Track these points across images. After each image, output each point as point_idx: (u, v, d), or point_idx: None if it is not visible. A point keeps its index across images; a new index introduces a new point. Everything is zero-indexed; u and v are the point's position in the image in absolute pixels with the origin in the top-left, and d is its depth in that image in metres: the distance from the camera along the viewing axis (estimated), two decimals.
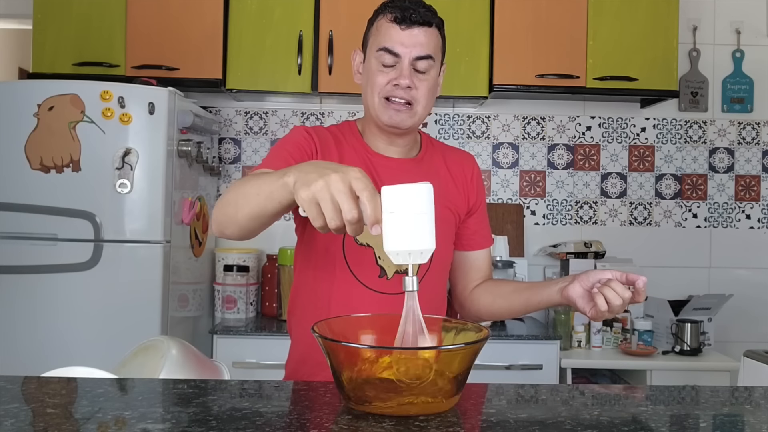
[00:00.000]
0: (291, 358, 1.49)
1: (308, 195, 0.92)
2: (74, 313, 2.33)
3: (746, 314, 3.11)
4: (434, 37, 1.39)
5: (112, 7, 2.73)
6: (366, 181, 0.92)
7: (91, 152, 2.33)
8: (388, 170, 1.44)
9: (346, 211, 0.90)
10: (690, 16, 3.12)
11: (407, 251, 0.92)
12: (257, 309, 2.95)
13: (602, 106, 3.14)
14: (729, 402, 1.08)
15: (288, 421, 0.92)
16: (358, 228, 0.92)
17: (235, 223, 1.15)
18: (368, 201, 0.90)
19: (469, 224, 1.55)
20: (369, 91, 1.41)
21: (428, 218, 0.93)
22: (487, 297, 1.53)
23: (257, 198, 1.08)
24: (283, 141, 1.41)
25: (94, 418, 0.90)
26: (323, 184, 0.91)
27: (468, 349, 0.94)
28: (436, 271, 1.46)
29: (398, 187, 0.92)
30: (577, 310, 1.33)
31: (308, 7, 2.77)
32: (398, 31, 1.36)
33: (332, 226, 0.92)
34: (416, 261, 0.94)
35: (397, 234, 0.91)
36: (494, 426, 0.91)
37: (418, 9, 1.37)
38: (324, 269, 1.40)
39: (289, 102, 3.10)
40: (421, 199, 0.92)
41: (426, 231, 0.92)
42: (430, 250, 0.94)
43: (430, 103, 1.43)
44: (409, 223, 0.91)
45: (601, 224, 3.15)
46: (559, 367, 2.58)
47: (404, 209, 0.91)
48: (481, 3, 2.79)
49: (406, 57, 1.37)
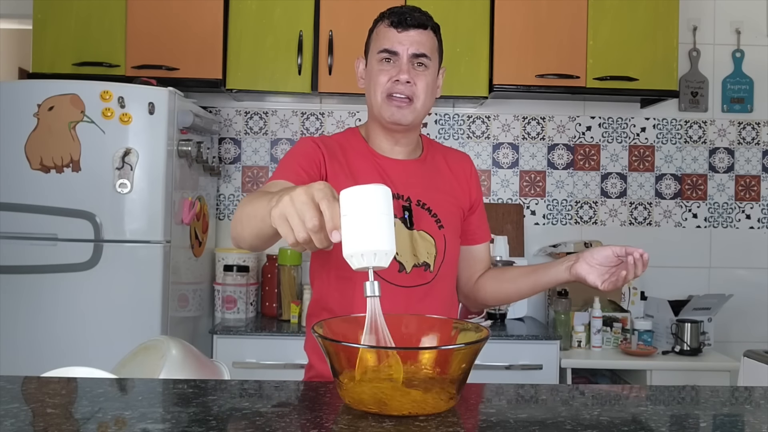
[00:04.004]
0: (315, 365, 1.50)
1: (278, 212, 0.95)
2: (74, 313, 2.33)
3: (746, 314, 3.11)
4: (430, 39, 1.49)
5: (112, 7, 2.73)
6: (326, 191, 0.94)
7: (91, 152, 2.33)
8: (397, 172, 1.51)
9: (308, 220, 0.92)
10: (690, 16, 3.12)
11: (360, 252, 0.91)
12: (257, 309, 2.95)
13: (602, 106, 3.14)
14: (729, 402, 1.08)
15: (288, 421, 0.92)
16: (323, 238, 0.93)
17: (244, 240, 1.22)
18: (327, 208, 0.92)
19: (472, 220, 1.62)
20: (372, 91, 1.49)
21: (385, 219, 0.91)
22: (494, 284, 1.61)
23: (255, 220, 1.13)
24: (292, 152, 1.47)
25: (94, 418, 0.90)
26: (288, 199, 0.94)
27: (468, 349, 0.94)
28: (449, 263, 1.53)
29: (353, 189, 0.92)
30: (588, 284, 1.43)
31: (308, 7, 2.77)
32: (396, 34, 1.47)
33: (299, 238, 0.93)
34: (372, 263, 0.92)
35: (353, 235, 0.91)
36: (494, 426, 0.91)
37: (414, 13, 1.47)
38: (345, 269, 1.42)
39: (289, 102, 3.10)
40: (376, 200, 0.91)
41: (383, 232, 0.91)
42: (388, 252, 0.92)
43: (429, 100, 1.50)
44: (365, 223, 0.90)
45: (601, 224, 3.15)
46: (559, 367, 2.58)
47: (358, 211, 0.90)
48: (481, 3, 2.79)
49: (404, 54, 1.46)
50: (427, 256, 1.48)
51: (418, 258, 1.47)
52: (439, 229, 1.50)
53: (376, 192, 0.92)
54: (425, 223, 1.49)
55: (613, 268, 1.41)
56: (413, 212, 1.48)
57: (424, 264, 1.47)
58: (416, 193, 1.50)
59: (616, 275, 1.39)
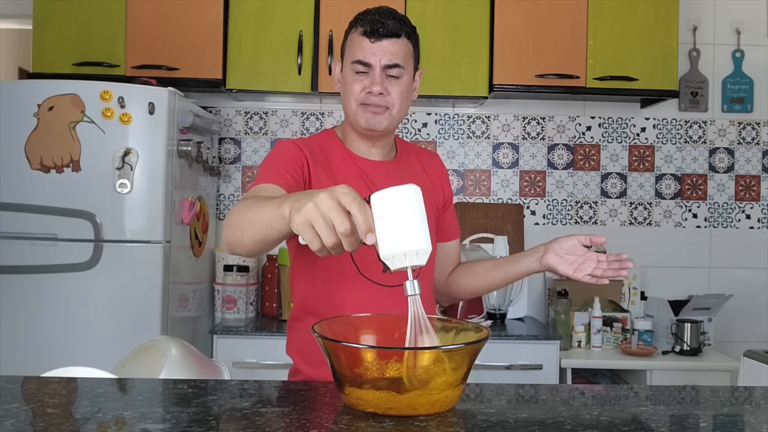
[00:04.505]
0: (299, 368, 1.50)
1: (301, 219, 0.94)
2: (74, 313, 2.32)
3: (746, 314, 3.11)
4: (404, 47, 1.49)
5: (112, 7, 2.73)
6: (353, 194, 0.93)
7: (91, 152, 2.33)
8: (375, 172, 1.53)
9: (338, 225, 0.91)
10: (690, 16, 3.12)
11: (402, 253, 0.92)
12: (257, 309, 2.95)
13: (602, 106, 3.14)
14: (729, 402, 1.08)
15: (288, 421, 0.92)
16: (354, 241, 0.93)
17: (243, 245, 1.20)
18: (358, 211, 0.92)
19: (445, 218, 1.66)
20: (347, 98, 1.51)
21: (419, 218, 0.93)
22: (466, 278, 1.66)
23: (259, 225, 1.12)
24: (273, 155, 1.46)
25: (94, 418, 0.90)
26: (312, 205, 0.93)
27: (468, 349, 0.94)
28: (429, 261, 1.51)
29: (386, 191, 0.92)
30: (559, 274, 1.49)
31: (308, 7, 2.77)
32: (369, 44, 1.47)
33: (328, 244, 0.92)
34: (413, 263, 0.93)
35: (390, 237, 0.91)
36: (494, 426, 0.91)
37: (387, 21, 1.47)
38: (332, 272, 1.45)
39: (289, 102, 3.10)
40: (409, 200, 0.92)
41: (418, 231, 0.92)
42: (426, 250, 0.93)
43: (405, 106, 1.52)
44: (400, 224, 0.91)
45: (601, 224, 3.15)
46: (559, 367, 2.58)
47: (394, 212, 0.91)
48: (481, 3, 2.79)
49: (377, 65, 1.47)
50: None
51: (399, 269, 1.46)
52: None
53: (409, 192, 0.93)
54: None
55: (581, 257, 1.47)
56: None
57: None
58: None
59: (589, 269, 1.46)
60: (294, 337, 1.52)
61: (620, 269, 1.48)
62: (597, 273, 1.47)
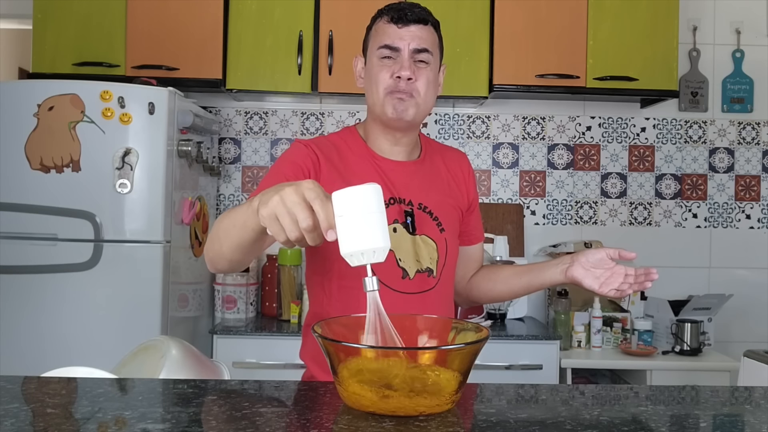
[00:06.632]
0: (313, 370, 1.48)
1: (267, 212, 0.95)
2: (74, 313, 2.33)
3: (746, 314, 3.11)
4: (431, 34, 1.46)
5: (112, 7, 2.73)
6: (318, 190, 0.95)
7: (91, 152, 2.33)
8: (397, 174, 1.48)
9: (301, 220, 0.93)
10: (690, 16, 3.12)
11: (360, 251, 0.94)
12: (257, 309, 2.95)
13: (602, 106, 3.14)
14: (729, 402, 1.08)
15: (288, 421, 0.92)
16: (317, 237, 0.95)
17: (222, 257, 1.19)
18: (320, 208, 0.93)
19: (470, 220, 1.61)
20: (373, 88, 1.45)
21: (378, 217, 0.94)
22: (487, 283, 1.62)
23: (234, 229, 1.12)
24: (280, 161, 1.44)
25: (94, 418, 0.90)
26: (278, 199, 0.94)
27: (468, 349, 0.94)
28: (450, 266, 1.52)
29: (345, 190, 0.94)
30: (584, 288, 1.44)
31: (308, 7, 2.77)
32: (396, 29, 1.43)
33: (292, 237, 0.94)
34: (372, 260, 0.95)
35: (349, 235, 0.93)
36: (494, 426, 0.91)
37: (413, 9, 1.44)
38: (348, 278, 1.41)
39: (289, 102, 3.10)
40: (368, 199, 0.94)
41: (377, 229, 0.94)
42: (384, 248, 0.95)
43: (431, 97, 1.47)
44: (360, 223, 0.93)
45: (601, 224, 3.15)
46: (559, 367, 2.58)
47: (352, 211, 0.93)
48: (481, 3, 2.79)
49: (405, 49, 1.42)
50: (430, 262, 1.46)
51: (421, 264, 1.45)
52: (440, 233, 1.48)
53: (368, 192, 0.94)
54: (427, 227, 1.47)
55: (608, 271, 1.41)
56: (415, 216, 1.45)
57: (428, 270, 1.45)
58: (417, 196, 1.48)
59: (616, 284, 1.41)
60: (309, 343, 1.49)
61: (645, 281, 1.41)
62: (623, 288, 1.42)
